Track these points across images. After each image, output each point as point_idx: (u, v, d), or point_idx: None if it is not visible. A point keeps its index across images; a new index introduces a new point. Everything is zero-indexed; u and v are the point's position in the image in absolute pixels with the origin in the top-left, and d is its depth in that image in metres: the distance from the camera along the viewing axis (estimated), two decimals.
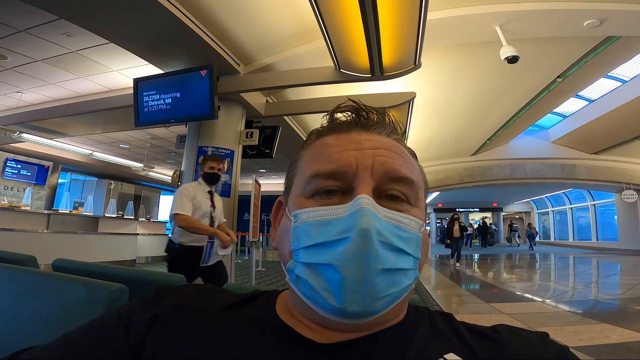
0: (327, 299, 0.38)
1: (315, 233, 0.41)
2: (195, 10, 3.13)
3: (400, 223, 0.42)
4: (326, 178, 0.44)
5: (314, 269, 0.40)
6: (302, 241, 0.41)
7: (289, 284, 0.45)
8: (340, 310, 0.38)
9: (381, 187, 0.44)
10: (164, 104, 3.77)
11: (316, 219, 0.41)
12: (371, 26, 2.55)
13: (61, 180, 11.04)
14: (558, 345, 0.43)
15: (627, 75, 7.62)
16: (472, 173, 12.12)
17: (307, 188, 0.45)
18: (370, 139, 0.47)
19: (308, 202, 0.44)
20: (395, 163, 0.45)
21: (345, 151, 0.45)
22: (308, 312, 0.43)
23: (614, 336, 2.64)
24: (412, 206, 0.45)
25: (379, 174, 0.43)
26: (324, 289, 0.39)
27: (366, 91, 4.83)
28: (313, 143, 0.50)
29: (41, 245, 5.95)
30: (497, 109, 7.48)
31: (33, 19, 3.55)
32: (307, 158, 0.48)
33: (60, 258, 1.46)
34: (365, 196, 0.40)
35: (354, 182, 0.43)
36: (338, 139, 0.47)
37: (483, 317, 3.81)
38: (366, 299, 0.38)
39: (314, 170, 0.45)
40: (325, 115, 0.51)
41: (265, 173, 12.16)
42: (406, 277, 0.41)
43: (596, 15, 3.42)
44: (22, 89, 5.49)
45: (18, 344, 0.46)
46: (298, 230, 0.42)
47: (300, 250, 0.41)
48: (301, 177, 0.47)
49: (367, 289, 0.37)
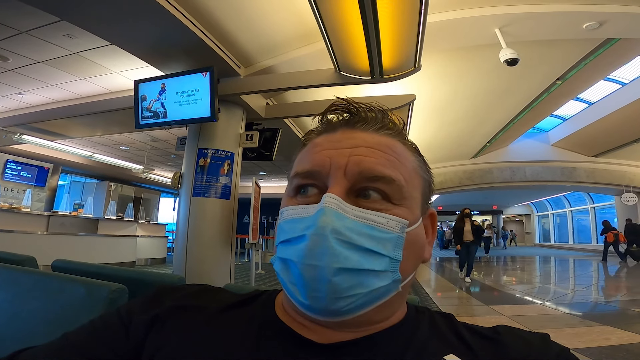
0: (294, 293, 0.41)
1: (286, 229, 0.43)
2: (196, 13, 3.13)
3: (374, 222, 0.41)
4: (303, 178, 0.45)
5: (285, 264, 0.42)
6: (279, 237, 0.44)
7: None
8: (307, 306, 0.40)
9: (357, 186, 0.43)
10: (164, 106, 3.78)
11: (290, 217, 0.44)
12: (371, 29, 2.56)
13: (61, 182, 11.03)
14: (559, 346, 0.43)
15: (626, 78, 7.63)
16: (472, 176, 12.12)
17: (290, 187, 0.48)
18: (353, 137, 0.46)
19: (291, 201, 0.46)
20: (372, 161, 0.43)
21: (323, 151, 0.46)
22: (293, 306, 0.44)
23: (614, 338, 2.64)
24: (395, 205, 0.43)
25: (352, 174, 0.43)
26: (291, 283, 0.41)
27: (366, 94, 4.83)
28: (307, 144, 0.51)
29: (41, 246, 5.95)
30: (497, 111, 7.49)
31: (35, 20, 3.56)
32: (297, 159, 0.50)
33: (60, 259, 1.46)
34: (330, 195, 0.41)
35: (328, 181, 0.44)
36: (325, 138, 0.48)
37: (482, 319, 3.80)
38: (327, 297, 0.38)
39: (295, 171, 0.47)
40: (316, 117, 0.52)
41: (265, 175, 12.15)
42: (378, 279, 0.40)
43: (595, 17, 3.43)
44: (23, 91, 5.50)
45: (18, 344, 0.47)
46: (279, 226, 0.45)
47: (278, 245, 0.44)
48: (289, 177, 0.49)
49: (325, 287, 0.38)
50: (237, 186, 4.13)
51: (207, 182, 3.86)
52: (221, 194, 3.90)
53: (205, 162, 3.90)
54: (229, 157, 4.02)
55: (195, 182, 3.86)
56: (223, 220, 3.90)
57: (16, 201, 8.30)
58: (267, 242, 11.47)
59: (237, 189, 4.10)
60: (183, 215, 3.88)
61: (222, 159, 3.97)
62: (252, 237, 4.78)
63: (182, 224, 3.87)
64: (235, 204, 4.06)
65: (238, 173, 4.16)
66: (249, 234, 4.78)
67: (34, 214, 6.92)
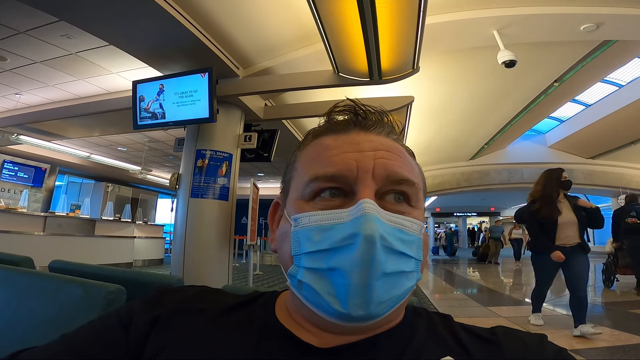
0: (332, 304, 0.38)
1: (317, 238, 0.40)
2: (195, 13, 3.13)
3: (402, 226, 0.41)
4: (326, 181, 0.43)
5: (317, 274, 0.40)
6: (304, 246, 0.41)
7: (290, 288, 0.44)
8: (345, 315, 0.38)
9: (382, 189, 0.43)
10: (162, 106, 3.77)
11: (318, 224, 0.41)
12: (370, 30, 2.57)
13: (58, 182, 10.99)
14: (556, 348, 0.43)
15: (623, 80, 7.66)
16: (469, 178, 12.13)
17: (306, 191, 0.44)
18: (370, 139, 0.46)
19: (308, 206, 0.43)
20: (395, 165, 0.44)
21: (345, 153, 0.44)
22: (309, 316, 0.43)
23: (611, 339, 2.65)
24: (412, 208, 0.45)
25: (380, 177, 0.43)
26: (328, 294, 0.39)
27: (364, 95, 4.84)
28: (310, 143, 0.49)
29: (38, 247, 5.93)
30: (495, 113, 7.51)
31: (33, 20, 3.55)
32: (305, 160, 0.48)
33: (57, 259, 1.45)
34: (368, 200, 0.40)
35: (355, 185, 0.42)
36: (337, 139, 0.46)
37: (480, 320, 3.80)
38: (370, 303, 0.38)
39: (313, 174, 0.44)
40: (323, 116, 0.51)
41: (263, 177, 12.14)
42: (408, 280, 0.41)
43: (593, 19, 3.45)
44: (20, 91, 5.48)
45: (15, 344, 0.46)
46: (299, 234, 0.42)
47: (302, 255, 0.41)
48: (299, 179, 0.46)
49: (371, 293, 0.37)
50: (235, 187, 4.12)
51: (205, 183, 3.86)
52: (219, 195, 3.90)
53: (203, 163, 3.89)
54: (227, 158, 4.01)
55: (193, 183, 3.86)
56: (221, 221, 3.89)
57: (13, 202, 8.26)
58: (265, 244, 11.45)
59: (235, 190, 4.10)
60: (181, 216, 3.87)
61: (220, 160, 3.96)
62: (250, 239, 4.77)
63: (180, 225, 3.86)
64: (233, 205, 4.05)
65: (236, 174, 4.16)
66: (247, 235, 4.77)
67: (31, 214, 6.89)
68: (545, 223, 3.26)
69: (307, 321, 0.44)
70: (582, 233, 3.24)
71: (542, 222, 3.29)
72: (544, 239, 3.26)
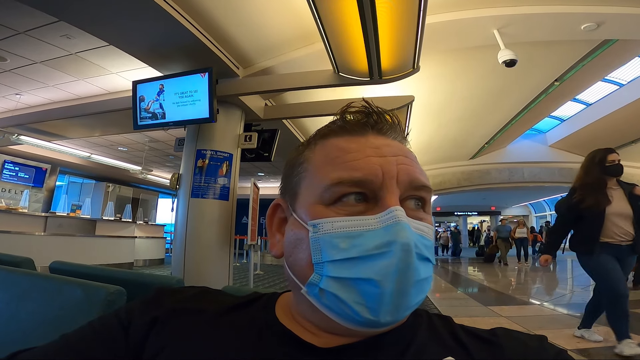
0: (361, 312, 0.38)
1: (344, 245, 0.39)
2: (194, 13, 3.13)
3: (425, 233, 0.42)
4: (351, 186, 0.41)
5: (346, 283, 0.38)
6: (328, 254, 0.39)
7: (303, 296, 0.42)
8: (372, 322, 0.38)
9: (403, 195, 0.43)
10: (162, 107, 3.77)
11: (344, 230, 0.40)
12: (370, 30, 2.57)
13: (59, 182, 11.00)
14: (556, 349, 0.43)
15: (624, 79, 7.65)
16: (470, 177, 12.13)
17: (325, 195, 0.42)
18: (388, 144, 0.45)
19: (328, 211, 0.41)
20: (416, 171, 0.44)
21: (368, 157, 0.42)
22: (319, 321, 0.42)
23: (612, 339, 2.64)
24: (426, 213, 0.45)
25: (403, 183, 0.43)
26: (357, 303, 0.38)
27: (365, 95, 4.82)
28: (322, 144, 0.47)
29: (38, 248, 5.93)
30: (495, 112, 7.50)
31: (33, 20, 3.55)
32: (320, 161, 0.45)
33: (58, 260, 1.45)
34: (399, 208, 0.40)
35: (381, 191, 0.41)
36: (355, 142, 0.45)
37: (482, 320, 3.80)
38: (400, 309, 0.38)
39: (335, 177, 0.41)
40: (335, 115, 0.49)
41: (263, 176, 12.15)
42: (428, 284, 0.42)
43: (593, 18, 3.45)
44: (20, 91, 5.49)
45: (15, 345, 0.46)
46: (321, 241, 0.40)
47: (326, 263, 0.39)
48: (316, 182, 0.43)
49: (403, 301, 0.38)
50: (236, 187, 4.13)
51: (206, 183, 3.86)
52: (220, 195, 3.90)
53: (203, 163, 3.89)
54: (227, 158, 4.01)
55: (194, 183, 3.86)
56: (221, 221, 3.89)
57: (14, 202, 8.27)
58: (265, 243, 11.46)
59: (235, 190, 4.10)
60: (181, 216, 3.87)
61: (220, 160, 3.96)
62: (251, 238, 4.78)
63: (180, 225, 3.86)
64: (233, 205, 4.05)
65: (236, 174, 4.16)
66: (248, 235, 4.78)
67: (31, 214, 6.90)
68: (585, 216, 2.65)
69: (312, 324, 0.43)
70: (638, 229, 2.57)
71: (582, 215, 2.67)
72: (589, 236, 2.62)
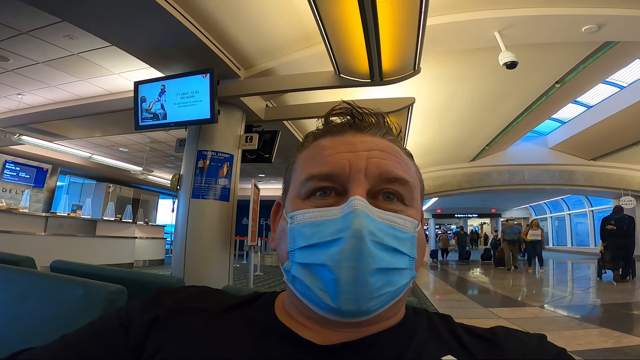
0: (323, 298, 0.39)
1: (309, 234, 0.41)
2: (196, 14, 3.14)
3: (395, 223, 0.42)
4: (320, 180, 0.44)
5: (309, 269, 0.41)
6: (297, 242, 0.42)
7: (286, 284, 0.45)
8: (335, 310, 0.39)
9: (376, 188, 0.44)
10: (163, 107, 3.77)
11: (310, 220, 0.42)
12: (371, 31, 2.57)
13: (60, 183, 11.00)
14: (556, 348, 0.43)
15: (625, 81, 7.65)
16: (470, 179, 12.12)
17: (302, 190, 0.46)
18: (364, 140, 0.47)
19: (303, 204, 0.45)
20: (389, 164, 0.45)
21: (339, 153, 0.45)
22: (305, 311, 0.44)
23: (611, 340, 2.64)
24: (407, 206, 0.46)
25: (372, 176, 0.44)
26: (319, 289, 0.40)
27: (366, 96, 4.85)
28: (309, 145, 0.50)
29: (39, 247, 5.94)
30: (496, 114, 7.50)
31: (35, 21, 3.56)
32: (303, 160, 0.49)
33: (58, 260, 1.45)
34: (358, 197, 0.41)
35: (348, 184, 0.44)
36: (332, 141, 0.48)
37: (481, 322, 3.80)
38: (361, 298, 0.38)
39: (308, 173, 0.45)
40: (320, 119, 0.52)
41: (264, 178, 12.14)
42: (402, 277, 0.42)
43: (594, 20, 3.45)
44: (22, 91, 5.49)
45: (16, 345, 0.47)
46: (294, 231, 0.43)
47: (296, 251, 0.42)
48: (297, 179, 0.48)
49: (361, 289, 0.38)
50: (236, 188, 4.13)
51: (206, 184, 3.86)
52: (220, 195, 3.90)
53: (204, 164, 3.90)
54: (228, 159, 4.02)
55: (194, 184, 3.86)
56: (222, 222, 3.89)
57: (14, 202, 8.28)
58: (265, 244, 11.45)
59: (236, 191, 4.10)
60: (182, 217, 3.87)
61: (221, 160, 3.96)
62: (251, 239, 4.77)
63: (180, 225, 3.86)
64: (234, 206, 4.05)
65: (237, 175, 4.16)
66: (248, 236, 4.77)
67: (32, 214, 6.90)
68: None
69: (305, 317, 0.44)
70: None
71: None
72: None
